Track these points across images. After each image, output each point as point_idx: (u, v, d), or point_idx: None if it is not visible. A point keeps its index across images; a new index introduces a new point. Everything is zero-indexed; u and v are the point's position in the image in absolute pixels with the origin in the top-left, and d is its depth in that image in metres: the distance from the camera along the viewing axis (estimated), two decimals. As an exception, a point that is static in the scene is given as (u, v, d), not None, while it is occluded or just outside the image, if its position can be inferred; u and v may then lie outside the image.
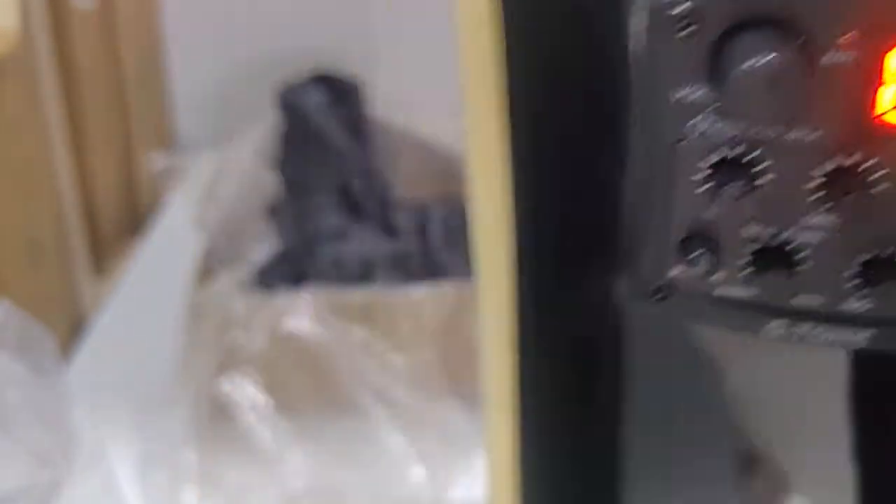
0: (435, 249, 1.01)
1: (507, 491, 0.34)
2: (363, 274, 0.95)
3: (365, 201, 1.25)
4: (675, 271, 0.27)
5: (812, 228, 0.25)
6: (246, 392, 0.59)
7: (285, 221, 1.03)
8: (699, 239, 0.26)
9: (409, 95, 1.73)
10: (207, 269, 0.78)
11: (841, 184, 0.23)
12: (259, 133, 1.28)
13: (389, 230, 1.12)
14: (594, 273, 0.33)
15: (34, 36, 0.83)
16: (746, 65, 0.21)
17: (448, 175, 1.17)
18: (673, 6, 0.22)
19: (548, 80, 0.32)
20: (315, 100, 1.43)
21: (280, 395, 0.60)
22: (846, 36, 0.21)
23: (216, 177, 0.96)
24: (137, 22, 1.37)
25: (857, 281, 0.25)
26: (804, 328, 0.27)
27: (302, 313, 0.61)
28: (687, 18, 0.22)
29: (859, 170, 0.23)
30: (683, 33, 0.23)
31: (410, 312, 0.63)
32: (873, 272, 0.25)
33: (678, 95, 0.24)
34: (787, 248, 0.25)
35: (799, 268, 0.25)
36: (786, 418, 0.46)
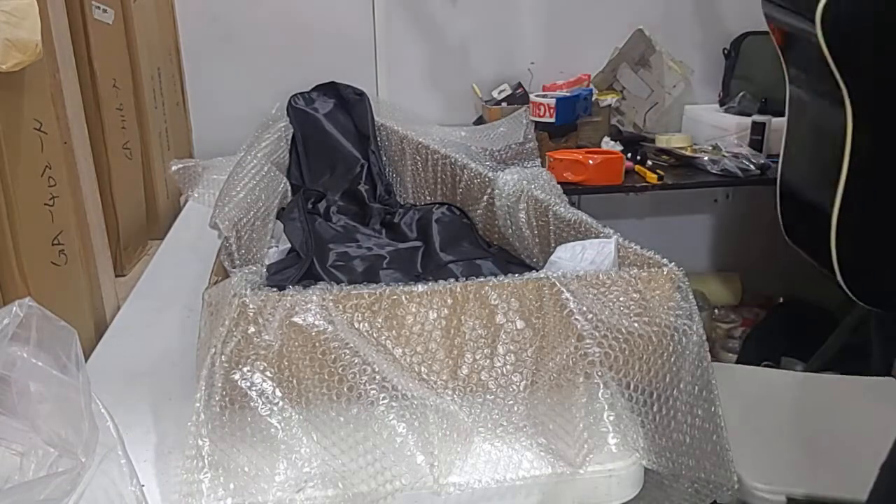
0: (436, 249, 1.00)
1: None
2: (369, 272, 0.95)
3: (370, 203, 1.25)
4: None
5: None
6: (258, 383, 0.59)
7: (295, 222, 1.03)
8: None
9: (411, 105, 1.73)
10: (222, 269, 0.78)
11: None
12: (270, 139, 1.28)
13: (394, 231, 1.12)
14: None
15: (57, 47, 0.83)
16: None
17: (448, 179, 1.17)
18: None
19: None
20: (323, 108, 1.43)
21: (290, 387, 0.60)
22: None
23: (230, 181, 0.96)
24: (154, 34, 1.37)
25: None
26: None
27: (311, 309, 0.61)
28: None
29: None
30: None
31: (413, 308, 0.63)
32: None
33: None
34: None
35: None
36: None
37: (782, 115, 1.74)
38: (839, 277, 1.14)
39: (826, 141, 1.14)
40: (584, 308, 0.63)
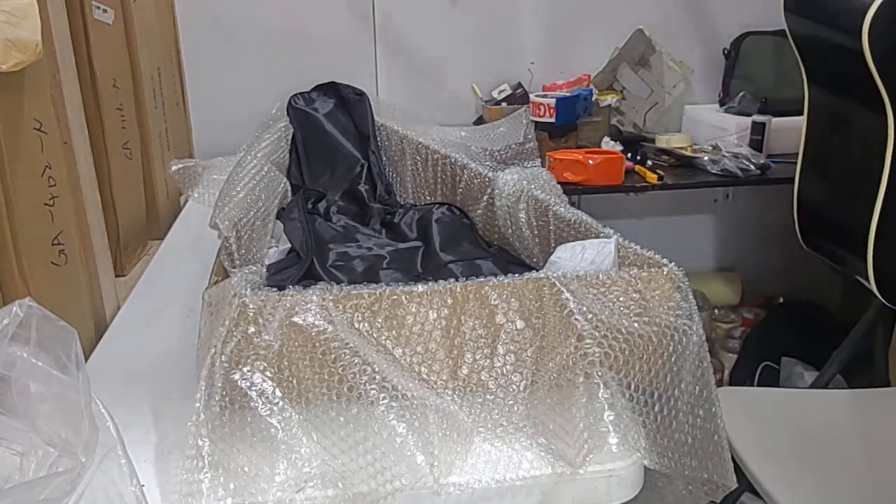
0: (436, 249, 1.00)
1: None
2: (369, 272, 0.95)
3: (370, 203, 1.25)
4: None
5: None
6: (258, 383, 0.59)
7: (295, 222, 1.03)
8: None
9: (411, 105, 1.73)
10: (222, 269, 0.78)
11: None
12: (270, 139, 1.28)
13: (394, 231, 1.12)
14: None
15: (57, 47, 0.83)
16: None
17: (448, 179, 1.17)
18: None
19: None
20: (323, 108, 1.43)
21: (290, 387, 0.60)
22: None
23: (230, 181, 0.96)
24: (154, 34, 1.37)
25: None
26: None
27: (311, 309, 0.61)
28: None
29: None
30: None
31: (413, 308, 0.63)
32: None
33: None
34: None
35: None
36: None
37: (782, 115, 1.74)
38: (874, 286, 1.13)
39: (861, 150, 1.12)
40: (584, 308, 0.63)
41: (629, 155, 1.74)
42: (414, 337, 0.64)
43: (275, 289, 0.62)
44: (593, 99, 1.81)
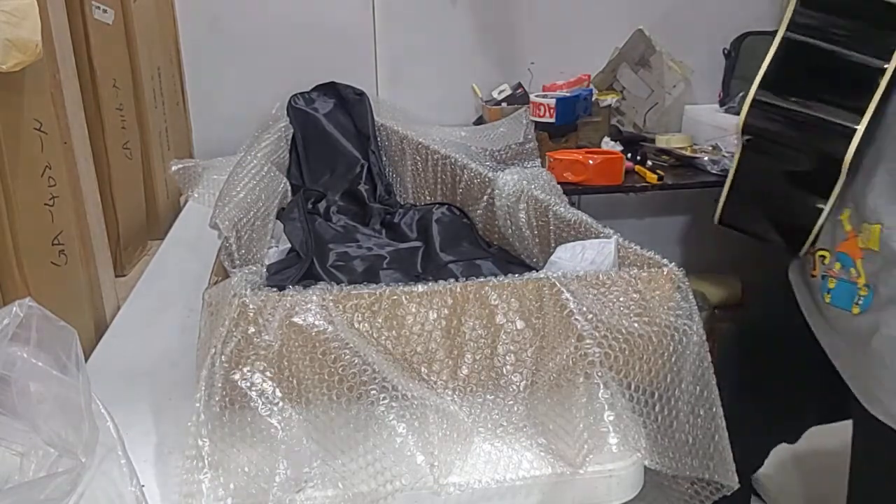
0: (436, 249, 1.00)
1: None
2: (369, 272, 0.95)
3: (370, 203, 1.25)
4: None
5: None
6: (258, 384, 0.59)
7: (295, 222, 1.03)
8: None
9: (411, 105, 1.73)
10: (222, 269, 0.78)
11: None
12: (270, 139, 1.28)
13: (394, 231, 1.12)
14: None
15: (57, 47, 0.83)
16: None
17: (448, 179, 1.17)
18: None
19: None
20: (323, 108, 1.43)
21: (290, 387, 0.60)
22: None
23: (230, 181, 0.96)
24: (154, 34, 1.37)
25: None
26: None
27: (311, 309, 0.61)
28: None
29: None
30: None
31: (413, 308, 0.63)
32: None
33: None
34: None
35: None
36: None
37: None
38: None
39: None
40: (584, 308, 0.63)
41: (629, 155, 1.73)
42: (414, 337, 0.64)
43: (275, 289, 0.62)
44: (593, 99, 1.81)
